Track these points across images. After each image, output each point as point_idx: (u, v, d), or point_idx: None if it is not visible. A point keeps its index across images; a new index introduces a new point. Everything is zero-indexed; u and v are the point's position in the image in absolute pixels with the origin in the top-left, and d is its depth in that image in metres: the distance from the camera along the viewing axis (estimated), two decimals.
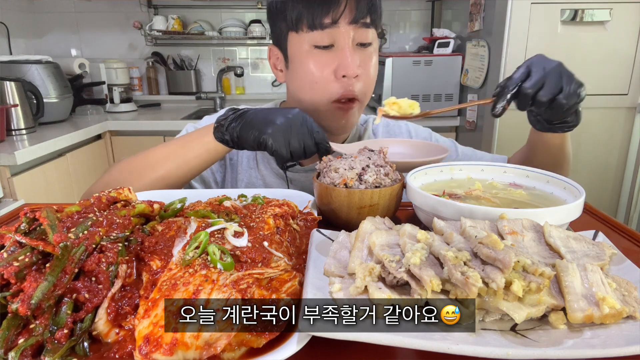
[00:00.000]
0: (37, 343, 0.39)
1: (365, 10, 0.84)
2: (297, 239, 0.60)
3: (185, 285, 0.42)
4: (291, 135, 0.75)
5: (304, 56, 0.86)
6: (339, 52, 0.85)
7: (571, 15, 1.95)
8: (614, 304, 0.40)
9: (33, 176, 1.85)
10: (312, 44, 0.85)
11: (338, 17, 0.82)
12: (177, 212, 0.62)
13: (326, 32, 0.83)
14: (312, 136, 0.77)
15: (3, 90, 1.99)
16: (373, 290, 0.42)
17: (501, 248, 0.42)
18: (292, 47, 0.89)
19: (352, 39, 0.85)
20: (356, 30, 0.84)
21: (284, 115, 0.76)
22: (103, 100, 2.76)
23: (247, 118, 0.78)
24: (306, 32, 0.84)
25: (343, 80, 0.85)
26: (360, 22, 0.84)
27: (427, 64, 2.39)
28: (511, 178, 0.77)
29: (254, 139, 0.76)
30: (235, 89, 3.16)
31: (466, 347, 0.36)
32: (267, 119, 0.76)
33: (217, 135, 0.80)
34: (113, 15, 2.94)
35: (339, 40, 0.84)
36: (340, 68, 0.84)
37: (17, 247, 0.45)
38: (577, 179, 0.68)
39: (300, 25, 0.84)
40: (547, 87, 0.70)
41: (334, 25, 0.83)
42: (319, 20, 0.83)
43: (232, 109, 0.82)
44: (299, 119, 0.76)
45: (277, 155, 0.75)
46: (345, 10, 0.82)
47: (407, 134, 1.10)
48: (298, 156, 0.76)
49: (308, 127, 0.77)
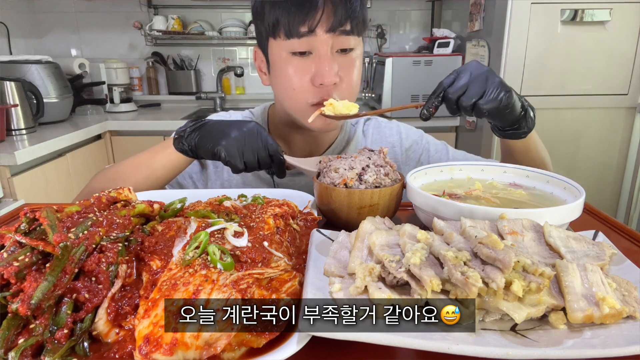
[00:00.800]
0: (37, 343, 0.39)
1: (344, 18, 0.81)
2: (297, 239, 0.60)
3: (185, 285, 0.42)
4: (245, 147, 0.78)
5: (283, 63, 0.86)
6: (317, 60, 0.84)
7: (571, 15, 1.95)
8: (614, 304, 0.40)
9: (33, 176, 1.85)
10: (289, 51, 0.84)
11: (315, 25, 0.80)
12: (177, 212, 0.62)
13: (303, 40, 0.82)
14: (266, 148, 0.79)
15: (3, 90, 1.99)
16: (373, 290, 0.42)
17: (501, 248, 0.42)
18: (271, 52, 0.88)
19: (330, 46, 0.83)
20: (335, 38, 0.83)
21: (239, 128, 0.79)
22: (103, 100, 2.76)
23: (205, 129, 0.82)
24: (283, 40, 0.83)
25: (321, 87, 0.84)
26: (338, 30, 0.82)
27: (427, 64, 2.39)
28: (511, 178, 0.77)
29: (209, 149, 0.79)
30: (235, 89, 3.16)
31: (466, 347, 0.36)
32: (222, 131, 0.79)
33: (176, 146, 0.84)
34: (113, 15, 2.94)
35: (317, 48, 0.83)
36: (317, 76, 0.83)
37: (17, 247, 0.45)
38: (577, 179, 0.68)
39: (278, 32, 0.83)
40: (468, 92, 0.71)
41: (310, 34, 0.81)
42: (296, 29, 0.81)
43: (193, 120, 0.85)
44: (254, 131, 0.79)
45: (231, 165, 0.79)
46: (322, 19, 0.80)
47: (398, 135, 1.09)
48: (252, 167, 0.79)
49: (262, 140, 0.79)
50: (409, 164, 1.08)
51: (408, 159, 1.08)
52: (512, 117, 0.76)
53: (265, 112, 1.07)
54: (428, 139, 1.10)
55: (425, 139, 1.10)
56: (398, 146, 1.08)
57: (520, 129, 0.80)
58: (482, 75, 0.72)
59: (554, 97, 2.06)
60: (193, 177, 1.03)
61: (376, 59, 2.64)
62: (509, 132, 0.81)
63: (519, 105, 0.76)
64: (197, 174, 1.03)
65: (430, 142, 1.10)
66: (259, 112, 1.08)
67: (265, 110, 1.07)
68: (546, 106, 2.06)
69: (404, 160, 1.08)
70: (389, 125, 1.11)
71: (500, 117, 0.75)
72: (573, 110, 2.10)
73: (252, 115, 1.08)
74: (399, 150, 1.08)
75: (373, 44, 3.02)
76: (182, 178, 1.01)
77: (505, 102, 0.71)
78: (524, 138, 0.83)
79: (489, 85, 0.71)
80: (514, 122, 0.78)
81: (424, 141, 1.09)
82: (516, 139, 0.83)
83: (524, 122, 0.79)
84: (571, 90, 2.06)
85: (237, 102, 3.13)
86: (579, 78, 2.04)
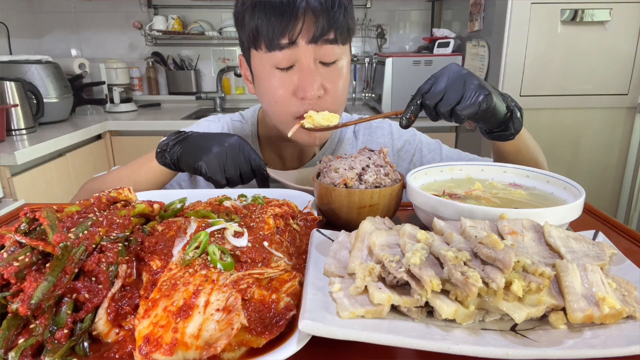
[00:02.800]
0: (37, 343, 0.39)
1: (326, 27, 0.79)
2: (297, 239, 0.60)
3: (185, 285, 0.42)
4: (227, 163, 0.77)
5: (265, 75, 0.84)
6: (299, 72, 0.82)
7: (571, 15, 1.95)
8: (614, 304, 0.40)
9: (33, 176, 1.85)
10: (272, 65, 0.82)
11: (296, 36, 0.78)
12: (177, 212, 0.62)
13: (284, 52, 0.80)
14: (249, 163, 0.79)
15: (3, 90, 1.99)
16: (373, 290, 0.42)
17: (501, 248, 0.42)
18: (254, 63, 0.87)
19: (313, 58, 0.81)
20: (317, 48, 0.80)
21: (221, 143, 0.79)
22: (103, 100, 2.76)
23: (187, 143, 0.81)
24: (264, 52, 0.81)
25: (304, 101, 0.83)
26: (322, 40, 0.80)
27: (427, 64, 2.39)
28: (511, 178, 0.77)
29: (190, 164, 0.79)
30: (235, 89, 3.16)
31: (466, 347, 0.36)
32: (204, 146, 0.79)
33: (159, 160, 0.84)
34: (113, 15, 2.94)
35: (299, 60, 0.81)
36: (299, 90, 0.82)
37: (17, 247, 0.45)
38: (577, 179, 0.68)
39: (259, 44, 0.81)
40: (446, 97, 0.68)
41: (292, 45, 0.79)
42: (276, 41, 0.79)
43: (175, 133, 0.85)
44: (236, 146, 0.79)
45: (213, 181, 0.78)
46: (303, 29, 0.78)
47: (389, 135, 1.08)
48: (234, 182, 0.79)
49: (245, 155, 0.79)
50: (402, 165, 1.07)
51: (400, 159, 1.07)
52: (495, 120, 0.73)
53: (256, 114, 1.06)
54: (421, 139, 1.09)
55: (418, 138, 1.09)
56: (390, 147, 1.07)
57: (507, 131, 0.76)
58: (459, 79, 0.68)
59: (554, 97, 2.06)
60: (182, 185, 1.02)
61: (376, 59, 2.64)
62: (496, 134, 0.78)
63: (502, 107, 0.72)
64: (186, 181, 1.02)
65: (423, 141, 1.08)
66: (250, 114, 1.07)
67: (256, 112, 1.06)
68: (546, 106, 2.06)
69: (395, 162, 1.07)
70: (380, 126, 1.10)
71: (483, 120, 0.72)
72: (573, 110, 2.10)
73: (242, 117, 1.07)
74: (390, 151, 1.07)
75: (373, 44, 3.02)
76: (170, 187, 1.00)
77: (485, 106, 0.66)
78: (512, 140, 0.79)
79: (466, 89, 0.67)
80: (499, 124, 0.75)
81: (416, 141, 1.08)
82: (504, 141, 0.80)
83: (510, 124, 0.75)
84: (571, 91, 2.06)
85: (237, 102, 3.13)
86: (579, 78, 2.04)
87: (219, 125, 1.06)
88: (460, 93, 0.67)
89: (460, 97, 0.67)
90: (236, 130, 1.05)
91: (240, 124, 1.06)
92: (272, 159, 1.05)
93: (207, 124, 1.07)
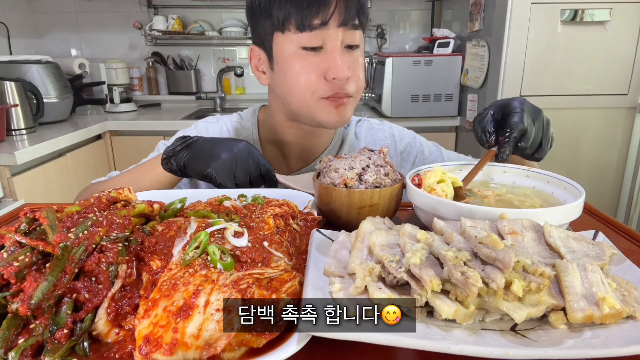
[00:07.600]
0: (37, 343, 0.39)
1: (354, 12, 0.82)
2: (297, 239, 0.60)
3: (185, 285, 0.42)
4: (236, 169, 0.78)
5: (291, 57, 0.84)
6: (329, 54, 0.83)
7: (571, 15, 1.95)
8: (614, 304, 0.40)
9: (33, 176, 1.85)
10: (300, 45, 0.82)
11: (328, 18, 0.80)
12: (177, 212, 0.62)
13: (315, 33, 0.81)
14: (258, 168, 0.79)
15: (3, 90, 1.99)
16: (373, 290, 0.42)
17: (501, 248, 0.42)
18: (277, 47, 0.86)
19: (341, 41, 0.83)
20: (345, 32, 0.82)
21: (230, 149, 0.79)
22: (103, 100, 2.76)
23: (194, 149, 0.81)
24: (294, 33, 0.82)
25: (333, 82, 0.83)
26: (349, 24, 0.82)
27: (427, 64, 2.39)
28: (511, 178, 0.77)
29: (199, 171, 0.79)
30: (235, 89, 3.16)
31: (466, 347, 0.36)
32: (212, 152, 0.78)
33: (164, 166, 0.83)
34: (113, 15, 2.94)
35: (328, 42, 0.82)
36: (330, 71, 0.82)
37: (17, 247, 0.45)
38: (577, 179, 0.68)
39: (288, 25, 0.81)
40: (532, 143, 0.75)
41: (323, 26, 0.80)
42: (308, 22, 0.80)
43: (181, 139, 0.84)
44: (245, 152, 0.79)
45: (222, 187, 0.78)
46: (335, 12, 0.80)
47: (391, 137, 1.08)
48: (244, 187, 0.79)
49: (254, 160, 0.79)
50: (405, 167, 1.07)
51: (403, 161, 1.08)
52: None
53: (255, 115, 1.05)
54: (421, 141, 1.10)
55: (418, 140, 1.09)
56: (392, 149, 1.07)
57: (545, 152, 0.79)
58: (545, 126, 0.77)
59: (554, 97, 2.06)
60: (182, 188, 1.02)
61: (376, 59, 2.64)
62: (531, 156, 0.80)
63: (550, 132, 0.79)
64: (186, 184, 1.02)
65: (423, 143, 1.09)
66: (249, 115, 1.06)
67: (255, 113, 1.05)
68: (546, 106, 2.03)
69: (398, 163, 1.07)
70: (381, 127, 1.09)
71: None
72: (573, 110, 2.10)
73: (240, 118, 1.06)
74: (393, 152, 1.07)
75: (373, 44, 3.02)
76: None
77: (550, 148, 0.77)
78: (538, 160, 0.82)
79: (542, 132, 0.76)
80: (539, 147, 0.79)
81: (417, 143, 1.09)
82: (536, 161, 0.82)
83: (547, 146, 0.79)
84: (571, 91, 2.06)
85: (237, 102, 3.13)
86: (579, 78, 2.04)
87: (218, 127, 1.05)
88: (539, 135, 0.76)
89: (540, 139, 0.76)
90: (236, 131, 1.04)
91: (239, 124, 1.05)
92: (275, 160, 1.04)
93: (206, 126, 1.06)
